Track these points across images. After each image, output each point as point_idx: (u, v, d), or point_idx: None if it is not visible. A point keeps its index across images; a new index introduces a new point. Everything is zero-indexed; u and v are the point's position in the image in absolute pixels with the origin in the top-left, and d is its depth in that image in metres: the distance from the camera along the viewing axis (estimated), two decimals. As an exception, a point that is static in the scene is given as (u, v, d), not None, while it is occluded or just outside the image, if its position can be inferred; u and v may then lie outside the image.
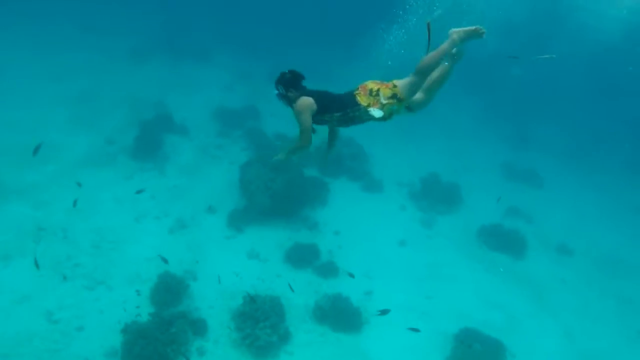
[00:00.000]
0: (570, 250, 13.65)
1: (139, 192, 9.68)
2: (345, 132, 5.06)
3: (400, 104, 4.33)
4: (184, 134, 14.04)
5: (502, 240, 12.83)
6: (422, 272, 10.99)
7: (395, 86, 4.34)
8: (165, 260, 8.17)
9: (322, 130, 4.68)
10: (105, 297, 8.21)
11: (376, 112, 4.31)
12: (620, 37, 25.77)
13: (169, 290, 8.41)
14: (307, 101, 4.41)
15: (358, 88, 4.48)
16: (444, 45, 4.21)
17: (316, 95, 4.45)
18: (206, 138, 14.27)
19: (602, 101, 30.74)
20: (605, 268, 13.23)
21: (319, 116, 4.48)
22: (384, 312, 8.17)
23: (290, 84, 4.51)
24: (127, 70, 17.21)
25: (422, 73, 4.27)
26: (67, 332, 7.50)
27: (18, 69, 14.88)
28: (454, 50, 4.24)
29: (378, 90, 4.35)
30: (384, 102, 4.30)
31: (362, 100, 4.37)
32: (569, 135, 23.10)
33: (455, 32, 4.18)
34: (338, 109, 4.46)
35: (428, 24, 4.07)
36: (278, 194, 11.15)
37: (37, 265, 7.31)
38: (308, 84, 4.56)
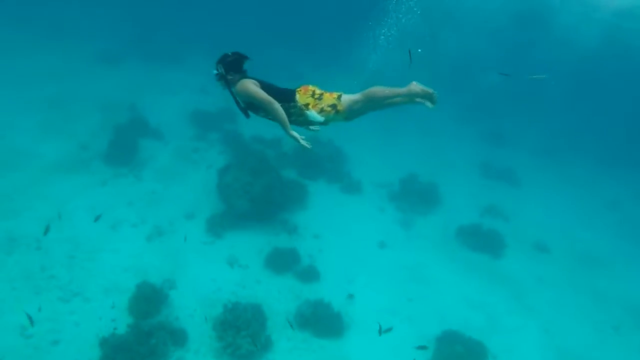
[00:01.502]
0: (546, 248, 14.17)
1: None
2: (323, 133, 5.21)
3: (337, 116, 4.48)
4: (159, 138, 13.99)
5: (481, 240, 13.22)
6: (403, 274, 11.28)
7: (339, 98, 4.48)
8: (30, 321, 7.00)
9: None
10: (81, 309, 8.18)
11: (315, 115, 4.46)
12: (601, 39, 26.86)
13: (148, 300, 8.43)
14: (250, 82, 4.44)
15: (300, 87, 4.60)
16: (400, 90, 4.44)
17: (257, 81, 4.48)
18: (182, 142, 14.25)
19: (578, 99, 31.94)
20: (580, 264, 13.80)
21: (254, 102, 4.52)
22: (386, 330, 8.19)
23: (231, 66, 4.54)
24: (99, 74, 17.00)
25: (369, 99, 4.44)
26: (42, 346, 7.43)
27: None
28: (417, 99, 4.47)
29: (321, 94, 4.50)
30: (325, 108, 4.45)
31: (302, 98, 4.49)
32: (544, 133, 23.93)
33: (415, 85, 4.44)
34: (276, 99, 4.47)
35: (409, 51, 4.31)
36: (257, 197, 11.26)
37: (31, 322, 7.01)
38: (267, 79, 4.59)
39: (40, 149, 11.73)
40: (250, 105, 4.57)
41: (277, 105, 4.33)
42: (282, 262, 10.43)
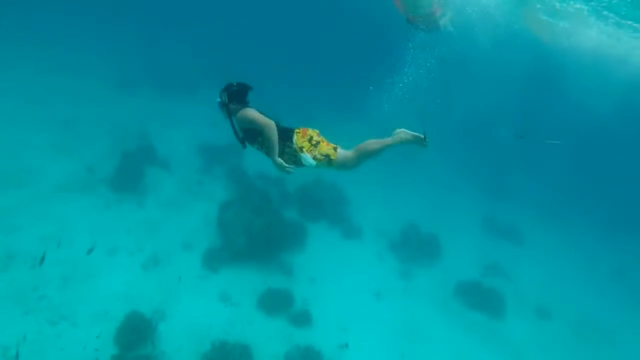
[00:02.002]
0: (548, 313, 14.07)
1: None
2: (327, 176, 5.50)
3: (329, 166, 4.72)
4: (166, 167, 14.37)
5: (481, 299, 13.16)
6: (398, 328, 11.21)
7: (334, 150, 4.72)
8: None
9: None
10: (68, 333, 8.21)
11: (308, 159, 4.67)
12: (613, 106, 27.71)
13: (135, 331, 8.46)
14: (252, 110, 4.68)
15: (299, 129, 4.83)
16: (389, 141, 4.71)
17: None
18: (187, 173, 14.61)
19: (586, 162, 32.50)
20: (582, 333, 13.64)
21: (253, 134, 4.75)
22: None
23: (234, 96, 4.78)
24: (113, 99, 17.68)
25: (362, 155, 4.69)
26: (25, 369, 7.47)
27: (6, 86, 15.23)
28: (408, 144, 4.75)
29: (318, 142, 4.73)
30: (317, 155, 4.68)
31: (299, 140, 4.71)
32: (550, 193, 24.23)
33: (405, 133, 4.72)
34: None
35: (424, 129, 4.67)
36: (255, 236, 11.45)
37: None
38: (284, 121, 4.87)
39: (48, 168, 12.10)
40: (248, 133, 4.78)
41: (274, 130, 4.55)
42: (276, 303, 10.45)
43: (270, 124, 4.61)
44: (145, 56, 22.97)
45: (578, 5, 13.14)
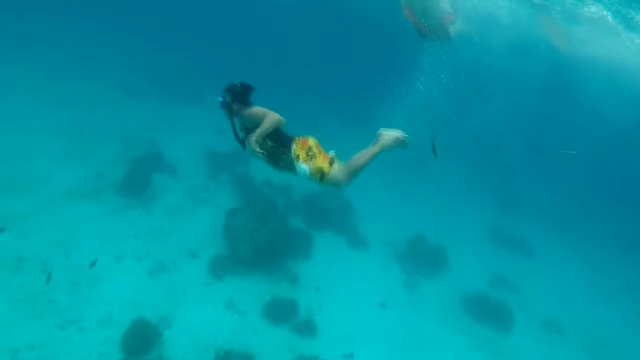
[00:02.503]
0: (558, 327, 14.10)
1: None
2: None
3: (321, 180, 4.82)
4: (173, 174, 14.70)
5: (488, 312, 13.23)
6: (403, 339, 11.35)
7: (329, 165, 4.80)
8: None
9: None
10: (75, 338, 8.46)
11: (303, 169, 4.78)
12: (631, 119, 27.57)
13: (141, 337, 8.69)
14: (259, 108, 4.80)
15: (300, 138, 4.93)
16: (374, 149, 4.79)
17: None
18: (194, 180, 14.93)
19: (598, 172, 32.37)
20: (593, 349, 13.66)
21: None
22: None
23: (237, 97, 4.88)
24: (123, 105, 18.12)
25: (352, 171, 4.77)
26: (33, 373, 7.72)
27: (20, 92, 15.69)
28: (392, 148, 4.85)
29: (315, 155, 4.82)
30: (312, 168, 4.78)
31: (297, 148, 4.82)
32: (561, 205, 24.24)
33: (385, 137, 4.83)
34: (274, 138, 4.83)
35: (433, 144, 4.87)
36: (261, 244, 11.68)
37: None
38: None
39: (57, 173, 12.45)
40: (250, 131, 4.84)
41: (275, 122, 4.68)
42: (280, 312, 10.65)
43: (276, 116, 4.75)
44: (153, 63, 23.48)
45: (601, 12, 12.97)
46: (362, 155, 4.77)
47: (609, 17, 13.18)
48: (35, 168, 12.26)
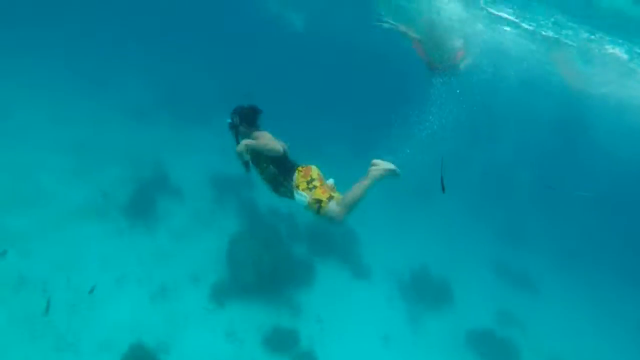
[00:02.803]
0: (565, 366, 13.85)
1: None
2: None
3: (317, 213, 4.81)
4: (178, 196, 14.80)
5: (494, 349, 12.99)
6: (405, 376, 11.20)
7: (327, 199, 4.76)
8: None
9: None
10: (72, 361, 8.45)
11: (301, 199, 4.81)
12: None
13: (139, 363, 8.67)
14: (267, 134, 4.86)
15: (303, 167, 4.95)
16: (366, 182, 4.78)
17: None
18: (199, 203, 15.01)
19: (608, 209, 32.25)
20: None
21: (259, 156, 4.88)
22: None
23: (245, 119, 4.96)
24: (130, 125, 18.39)
25: (347, 208, 4.75)
26: (27, 395, 7.66)
27: (28, 108, 16.01)
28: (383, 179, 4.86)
29: (315, 187, 4.82)
30: (310, 199, 4.79)
31: (298, 177, 4.85)
32: (568, 239, 24.04)
33: (376, 169, 4.85)
34: (278, 165, 4.87)
35: (442, 179, 4.93)
36: (264, 271, 11.66)
37: None
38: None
39: (62, 191, 12.59)
40: (255, 157, 4.91)
41: (274, 151, 4.73)
42: (281, 342, 10.55)
43: (277, 146, 4.81)
44: (163, 86, 23.92)
45: (618, 53, 12.97)
46: (356, 189, 4.77)
47: (625, 56, 13.26)
48: (41, 185, 12.41)
